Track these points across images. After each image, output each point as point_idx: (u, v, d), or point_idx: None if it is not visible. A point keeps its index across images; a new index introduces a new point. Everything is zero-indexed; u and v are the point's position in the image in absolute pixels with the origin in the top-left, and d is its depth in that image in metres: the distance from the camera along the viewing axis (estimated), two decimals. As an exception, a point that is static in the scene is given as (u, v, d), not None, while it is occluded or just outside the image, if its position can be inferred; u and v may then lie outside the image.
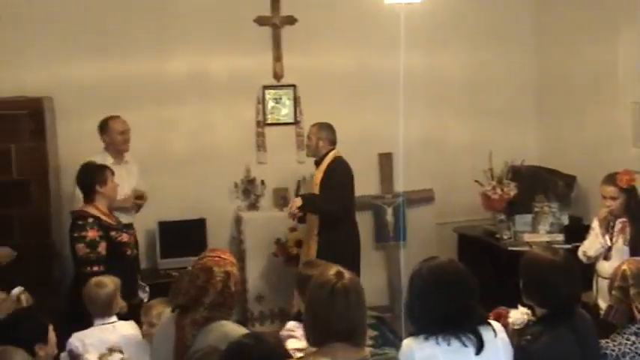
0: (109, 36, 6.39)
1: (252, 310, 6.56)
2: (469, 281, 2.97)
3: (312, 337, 2.79)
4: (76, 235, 4.77)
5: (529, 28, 7.30)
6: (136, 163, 6.02)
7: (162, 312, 3.80)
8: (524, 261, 3.38)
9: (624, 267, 3.50)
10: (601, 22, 6.38)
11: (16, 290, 4.31)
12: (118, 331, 4.14)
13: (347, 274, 2.81)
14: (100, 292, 4.19)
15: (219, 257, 3.33)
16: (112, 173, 5.05)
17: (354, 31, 6.85)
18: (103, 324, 4.15)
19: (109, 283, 4.26)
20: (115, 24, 6.41)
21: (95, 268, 4.70)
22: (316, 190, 5.91)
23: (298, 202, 5.85)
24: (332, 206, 5.80)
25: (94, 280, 4.29)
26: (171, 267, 6.18)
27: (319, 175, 5.91)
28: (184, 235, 6.34)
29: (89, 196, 4.94)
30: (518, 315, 3.36)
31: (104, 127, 5.86)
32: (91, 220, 4.80)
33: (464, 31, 7.12)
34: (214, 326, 3.22)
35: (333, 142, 5.99)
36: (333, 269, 2.83)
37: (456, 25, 7.09)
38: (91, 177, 4.96)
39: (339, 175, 5.88)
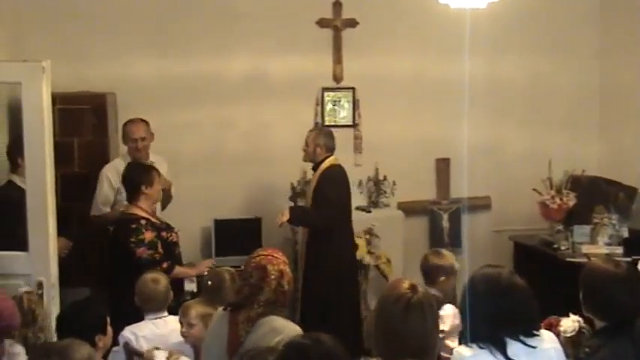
0: (171, 34, 6.49)
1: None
2: (524, 292, 2.93)
3: (384, 352, 2.75)
4: (133, 240, 4.78)
5: (593, 37, 7.17)
6: (165, 164, 5.82)
7: (202, 312, 3.85)
8: (585, 272, 3.32)
9: None
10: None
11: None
12: (169, 325, 4.21)
13: (420, 287, 2.79)
14: (157, 288, 4.26)
15: (272, 256, 3.37)
16: (159, 174, 5.09)
17: (416, 36, 6.82)
18: (156, 318, 4.22)
19: (163, 278, 4.34)
20: (177, 23, 6.50)
21: (165, 265, 4.80)
22: (309, 196, 5.85)
23: (286, 215, 5.73)
24: (321, 219, 5.72)
25: (150, 276, 4.33)
26: (225, 265, 6.21)
27: (313, 180, 5.86)
28: (239, 234, 6.39)
29: (134, 197, 4.96)
30: (569, 323, 3.31)
31: (122, 130, 5.79)
32: (143, 221, 4.84)
33: (527, 39, 7.02)
34: (264, 321, 3.27)
35: (330, 149, 5.90)
36: (406, 282, 2.80)
37: (520, 33, 6.99)
38: (139, 177, 4.99)
39: (332, 184, 5.78)
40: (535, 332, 2.92)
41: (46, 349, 2.64)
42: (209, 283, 4.27)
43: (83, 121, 5.89)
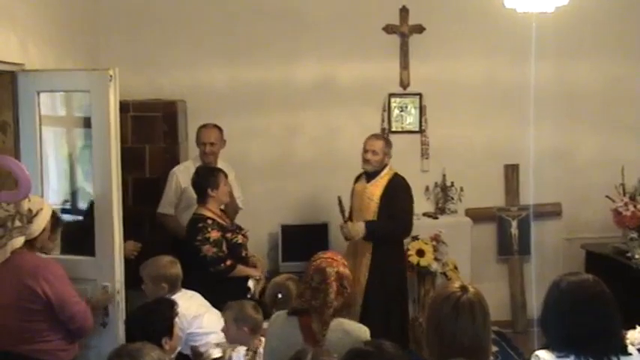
0: (240, 42, 6.59)
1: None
2: (611, 303, 2.83)
3: (436, 352, 2.75)
4: (199, 238, 4.94)
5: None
6: (232, 172, 5.83)
7: (238, 316, 3.93)
8: None
9: None
10: None
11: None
12: (196, 298, 4.47)
13: (472, 288, 2.77)
14: (178, 270, 4.49)
15: (332, 259, 3.41)
16: (226, 176, 5.23)
17: (483, 41, 6.76)
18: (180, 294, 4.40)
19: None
20: (246, 30, 6.61)
21: (228, 262, 4.96)
22: (370, 205, 5.70)
23: (362, 231, 5.63)
24: (400, 229, 5.69)
25: (166, 260, 4.51)
26: (292, 270, 6.26)
27: (376, 190, 5.70)
28: (306, 239, 6.42)
29: (203, 199, 5.14)
30: (637, 335, 3.22)
31: (196, 133, 5.88)
32: (210, 221, 4.99)
33: (597, 42, 6.88)
34: (335, 324, 3.29)
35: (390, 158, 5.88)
36: (457, 282, 2.81)
37: (590, 36, 6.86)
38: (205, 181, 5.16)
39: (406, 193, 5.72)
40: (622, 349, 2.82)
41: (118, 351, 2.71)
42: (279, 296, 4.31)
43: (155, 127, 6.03)
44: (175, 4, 6.52)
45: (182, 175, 5.72)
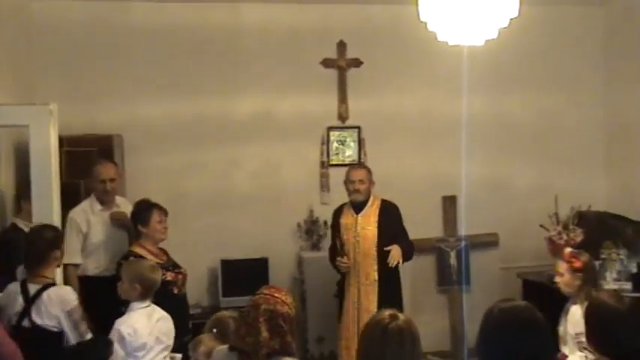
0: (178, 76, 6.57)
1: (312, 352, 6.53)
2: (543, 327, 2.87)
3: None
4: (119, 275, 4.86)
5: (597, 73, 7.24)
6: (129, 206, 5.54)
7: (212, 348, 3.82)
8: (589, 307, 3.31)
9: None
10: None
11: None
12: (157, 310, 4.34)
13: (402, 316, 2.80)
14: (159, 277, 4.41)
15: (271, 295, 3.29)
16: (163, 214, 5.13)
17: (420, 74, 6.89)
18: (145, 307, 4.30)
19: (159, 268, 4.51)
20: (184, 64, 6.59)
21: None
22: (367, 234, 5.67)
23: (398, 255, 5.58)
24: (413, 249, 5.79)
25: (148, 263, 4.49)
26: (232, 305, 6.20)
27: (370, 219, 5.71)
28: (246, 274, 6.38)
29: (135, 236, 5.10)
30: (577, 359, 3.27)
31: (91, 172, 5.57)
32: (133, 258, 4.88)
33: (531, 76, 7.11)
34: None
35: None
36: (389, 310, 2.83)
37: (521, 69, 7.08)
38: (135, 216, 5.13)
39: (399, 215, 5.78)
40: None
41: None
42: (214, 330, 4.26)
43: (90, 162, 5.90)
44: (109, 38, 6.46)
45: (80, 218, 5.45)
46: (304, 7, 6.74)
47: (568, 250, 4.71)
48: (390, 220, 5.70)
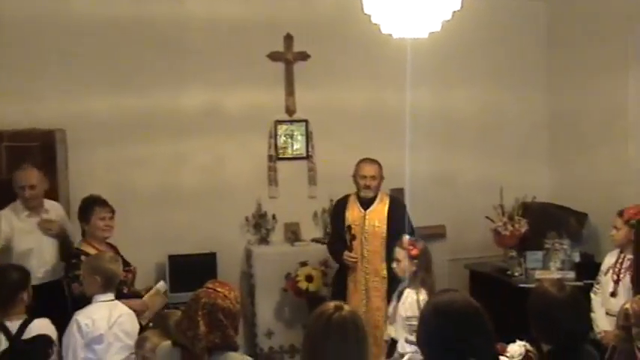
0: (123, 70, 6.46)
1: (261, 346, 6.51)
2: (480, 317, 2.91)
3: None
4: (70, 275, 4.85)
5: (540, 67, 7.36)
6: (59, 210, 5.56)
7: (157, 345, 3.79)
8: (532, 296, 3.36)
9: (627, 306, 3.45)
10: (612, 61, 6.42)
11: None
12: (119, 306, 4.32)
13: (347, 307, 2.80)
14: (119, 269, 4.43)
15: (213, 289, 3.27)
16: (107, 211, 5.11)
17: (366, 68, 6.91)
18: (107, 301, 4.29)
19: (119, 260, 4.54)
20: (129, 58, 6.49)
21: None
22: (376, 231, 5.69)
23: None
24: None
25: (107, 255, 4.52)
26: (180, 301, 6.13)
27: (379, 215, 5.72)
28: (194, 269, 6.31)
29: (82, 233, 5.11)
30: (516, 348, 3.33)
31: (12, 178, 5.39)
32: (83, 257, 4.84)
33: (475, 68, 7.19)
34: (220, 358, 3.19)
35: None
36: (334, 302, 2.83)
37: (467, 62, 7.15)
38: (79, 213, 5.14)
39: (406, 212, 5.72)
40: (495, 358, 2.90)
41: None
42: (150, 325, 4.26)
43: (31, 158, 5.78)
44: (51, 30, 6.30)
45: (4, 219, 5.30)
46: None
47: (406, 237, 4.88)
48: (399, 218, 5.64)
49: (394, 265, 4.87)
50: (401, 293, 4.76)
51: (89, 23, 6.36)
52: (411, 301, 4.54)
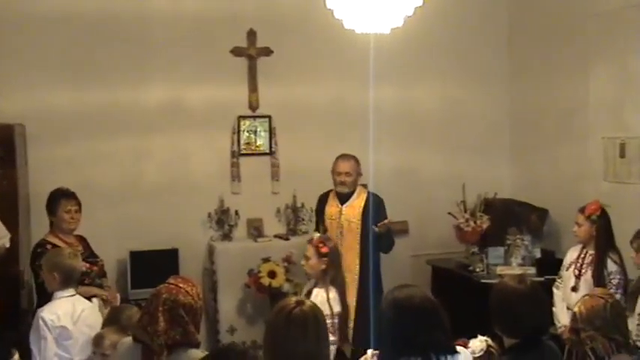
0: (84, 64, 6.37)
1: (223, 342, 6.46)
2: (438, 312, 2.94)
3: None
4: (37, 263, 4.81)
5: (502, 64, 7.42)
6: None
7: (117, 341, 3.75)
8: (493, 291, 3.40)
9: (576, 309, 3.48)
10: (572, 59, 6.49)
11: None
12: (81, 301, 4.31)
13: (309, 302, 2.81)
14: (78, 264, 4.38)
15: (175, 285, 3.25)
16: (73, 204, 5.15)
17: (330, 64, 6.91)
18: (68, 296, 4.24)
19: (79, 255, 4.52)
20: (91, 52, 6.40)
21: None
22: (351, 227, 5.72)
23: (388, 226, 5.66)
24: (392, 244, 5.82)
25: (66, 251, 4.48)
26: (142, 297, 6.10)
27: (354, 211, 5.75)
28: (156, 266, 6.24)
29: (51, 224, 5.15)
30: (477, 343, 3.35)
31: None
32: (49, 246, 4.91)
33: (438, 65, 7.22)
34: (181, 355, 3.16)
35: None
36: (295, 297, 2.86)
37: (430, 59, 7.19)
38: (47, 205, 5.17)
39: (385, 210, 5.78)
40: (450, 353, 2.92)
41: None
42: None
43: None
44: (10, 22, 6.19)
45: None
46: (213, -6, 6.68)
47: (316, 235, 4.96)
48: (375, 214, 5.66)
49: (303, 262, 4.90)
50: (310, 292, 4.75)
51: (50, 17, 6.26)
52: (321, 299, 4.50)
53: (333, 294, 4.64)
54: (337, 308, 4.62)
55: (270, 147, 6.89)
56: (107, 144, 6.51)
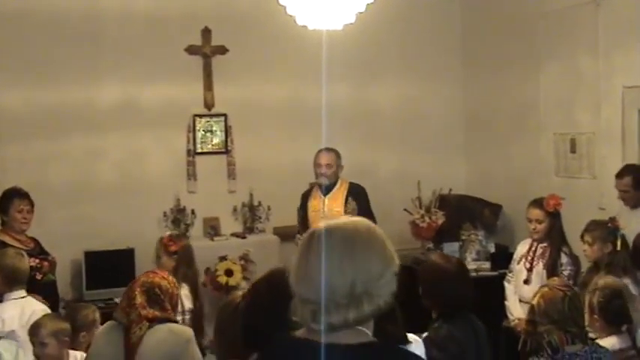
0: (35, 62, 6.29)
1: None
2: (393, 307, 2.99)
3: (218, 353, 2.90)
4: None
5: (456, 61, 7.51)
6: None
7: (54, 329, 3.73)
8: (423, 268, 3.70)
9: (534, 300, 3.54)
10: (524, 57, 6.59)
11: None
12: (32, 303, 4.23)
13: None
14: (23, 264, 4.31)
15: (154, 272, 3.51)
16: (26, 203, 5.11)
17: (285, 62, 6.91)
18: (17, 298, 4.19)
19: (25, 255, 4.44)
20: (42, 51, 6.32)
21: None
22: (337, 212, 5.73)
23: None
24: None
25: (13, 251, 4.44)
26: (97, 298, 6.06)
27: (336, 202, 5.82)
28: (112, 266, 6.21)
29: (3, 223, 5.12)
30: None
31: None
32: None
33: (391, 62, 7.28)
34: (160, 327, 3.30)
35: None
36: (242, 291, 2.91)
37: (384, 57, 7.24)
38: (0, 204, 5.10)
39: (367, 200, 5.88)
40: (401, 343, 2.99)
41: None
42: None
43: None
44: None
45: None
46: (167, -9, 6.65)
47: (167, 234, 5.05)
48: (357, 203, 5.78)
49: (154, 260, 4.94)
50: None
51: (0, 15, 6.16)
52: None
53: (185, 291, 4.67)
54: (189, 305, 4.67)
55: (226, 145, 6.87)
56: (60, 143, 6.44)
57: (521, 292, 5.02)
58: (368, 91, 7.21)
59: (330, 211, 5.78)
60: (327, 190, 5.89)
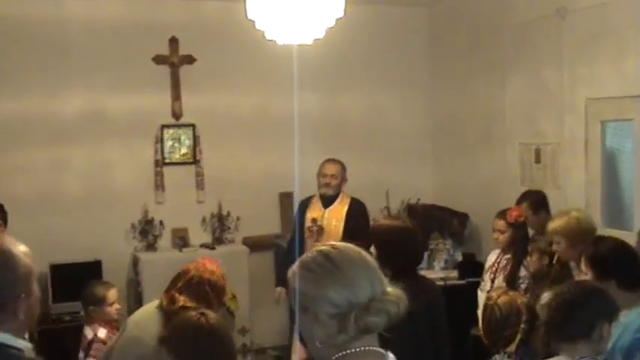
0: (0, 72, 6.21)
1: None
2: None
3: None
4: None
5: (423, 71, 7.56)
6: None
7: None
8: (374, 229, 3.87)
9: (493, 304, 3.57)
10: (490, 68, 6.66)
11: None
12: None
13: (211, 314, 2.91)
14: None
15: (203, 264, 3.61)
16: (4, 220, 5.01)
17: (253, 72, 6.91)
18: None
19: None
20: (7, 60, 6.24)
21: None
22: (331, 231, 5.69)
23: None
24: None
25: None
26: (63, 311, 6.00)
27: (337, 215, 5.78)
28: (78, 278, 6.06)
29: None
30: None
31: None
32: None
33: (360, 73, 7.32)
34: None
35: None
36: (197, 311, 2.93)
37: (353, 68, 7.28)
38: None
39: (368, 220, 5.80)
40: None
41: None
42: None
43: None
44: None
45: None
46: (133, 1, 6.59)
47: None
48: (357, 219, 5.70)
49: None
50: None
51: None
52: None
53: None
54: None
55: (195, 156, 6.85)
56: (23, 155, 6.37)
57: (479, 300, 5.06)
58: (337, 102, 7.24)
59: (329, 224, 5.78)
60: (328, 202, 5.86)
